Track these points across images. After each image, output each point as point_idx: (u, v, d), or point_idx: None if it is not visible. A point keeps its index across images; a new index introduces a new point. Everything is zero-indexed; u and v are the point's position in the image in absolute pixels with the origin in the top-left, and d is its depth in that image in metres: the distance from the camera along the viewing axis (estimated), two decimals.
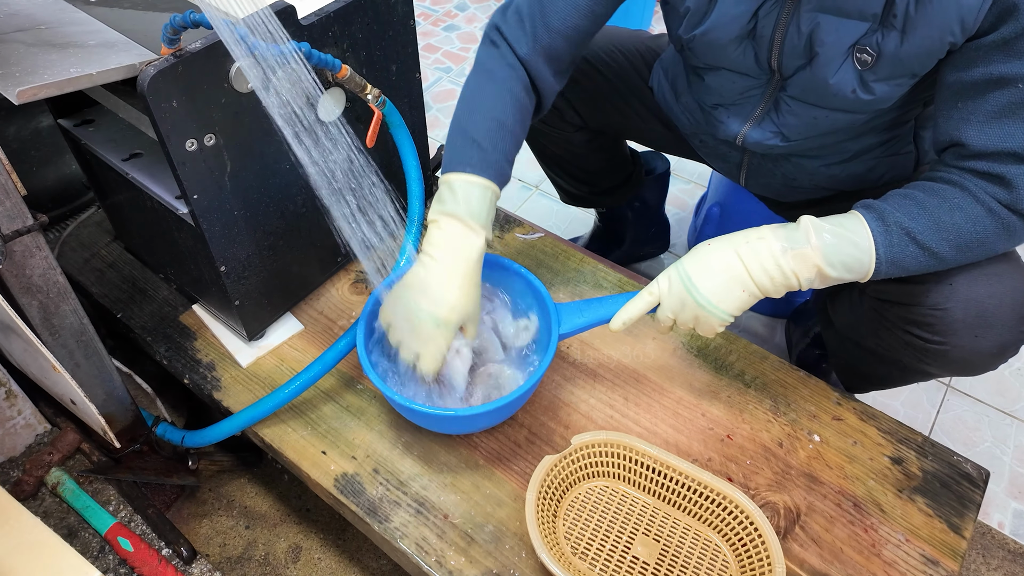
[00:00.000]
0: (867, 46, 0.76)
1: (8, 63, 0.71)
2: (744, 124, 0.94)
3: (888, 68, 0.76)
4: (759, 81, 0.88)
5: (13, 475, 1.03)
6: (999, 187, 0.73)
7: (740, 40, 0.84)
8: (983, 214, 0.74)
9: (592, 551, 0.84)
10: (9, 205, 0.70)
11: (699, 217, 1.59)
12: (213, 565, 1.01)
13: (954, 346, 0.82)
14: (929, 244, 0.75)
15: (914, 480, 0.90)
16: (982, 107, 0.72)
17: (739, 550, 0.82)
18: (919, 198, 0.76)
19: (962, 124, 0.74)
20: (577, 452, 0.87)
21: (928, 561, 0.83)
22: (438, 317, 0.80)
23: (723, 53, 0.86)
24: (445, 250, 0.81)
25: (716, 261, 0.79)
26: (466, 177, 0.82)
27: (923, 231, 0.74)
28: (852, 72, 0.78)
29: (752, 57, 0.84)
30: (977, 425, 1.34)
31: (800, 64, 0.81)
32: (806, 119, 0.87)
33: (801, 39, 0.79)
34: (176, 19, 0.71)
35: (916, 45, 0.73)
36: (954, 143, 0.76)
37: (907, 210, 0.75)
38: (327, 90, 0.85)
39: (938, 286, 0.81)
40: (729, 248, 0.78)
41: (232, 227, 0.91)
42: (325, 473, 0.91)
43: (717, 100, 0.95)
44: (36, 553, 0.75)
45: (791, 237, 0.77)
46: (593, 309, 0.89)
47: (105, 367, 0.90)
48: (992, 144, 0.72)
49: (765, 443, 0.94)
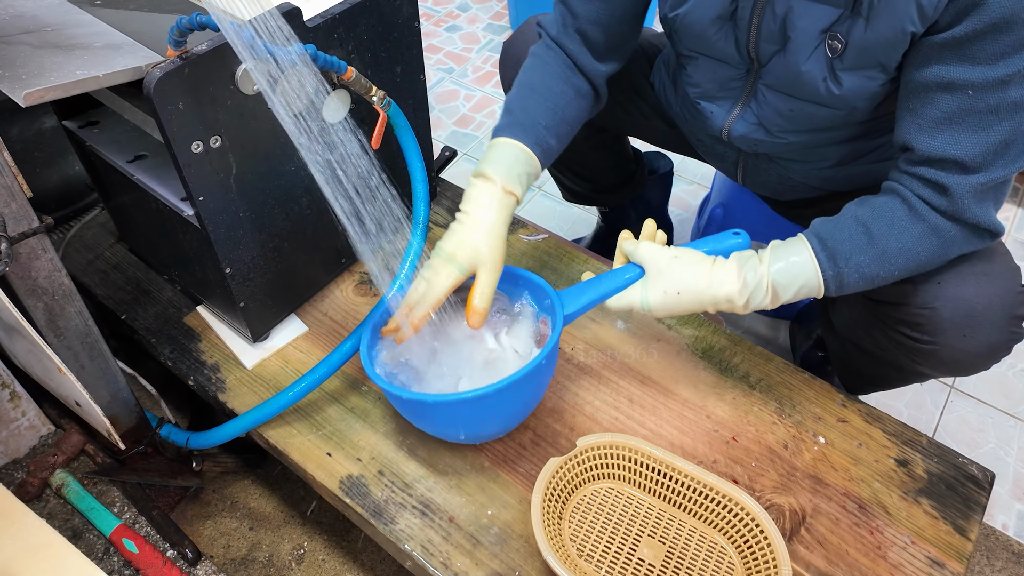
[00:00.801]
0: (838, 32, 0.76)
1: (14, 65, 0.71)
2: (728, 116, 0.94)
3: (854, 57, 0.76)
4: (739, 71, 0.88)
5: (18, 477, 1.03)
6: (941, 196, 0.74)
7: (721, 22, 0.84)
8: (928, 235, 0.75)
9: (598, 553, 0.84)
10: (15, 207, 0.70)
11: (702, 218, 1.59)
12: (217, 567, 1.01)
13: (943, 346, 0.83)
14: (878, 273, 0.78)
15: (919, 482, 0.90)
16: (931, 111, 0.72)
17: (745, 552, 0.82)
18: (869, 225, 0.77)
19: (912, 127, 0.74)
20: (582, 454, 0.87)
21: (934, 563, 0.83)
22: (444, 250, 0.84)
23: (704, 36, 0.86)
24: (468, 203, 0.86)
25: (680, 309, 0.83)
26: (495, 140, 0.89)
27: (870, 264, 0.77)
28: (823, 60, 0.78)
29: (732, 43, 0.85)
30: (981, 426, 1.34)
31: (775, 49, 0.82)
32: (783, 110, 0.87)
33: (776, 22, 0.79)
34: (182, 21, 0.71)
35: (879, 33, 0.73)
36: (904, 146, 0.76)
37: (856, 244, 0.77)
38: (332, 92, 0.85)
39: (926, 285, 0.81)
40: (696, 302, 0.82)
41: (237, 229, 0.91)
42: (330, 475, 0.91)
43: (701, 91, 0.96)
44: (41, 555, 0.75)
45: (750, 279, 0.79)
46: (593, 288, 0.88)
47: (110, 369, 0.90)
48: (938, 151, 0.72)
49: (770, 445, 0.94)
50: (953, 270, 0.80)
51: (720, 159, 1.08)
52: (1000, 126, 0.70)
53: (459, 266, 0.83)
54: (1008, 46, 0.66)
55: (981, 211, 0.73)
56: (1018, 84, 0.68)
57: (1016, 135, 0.70)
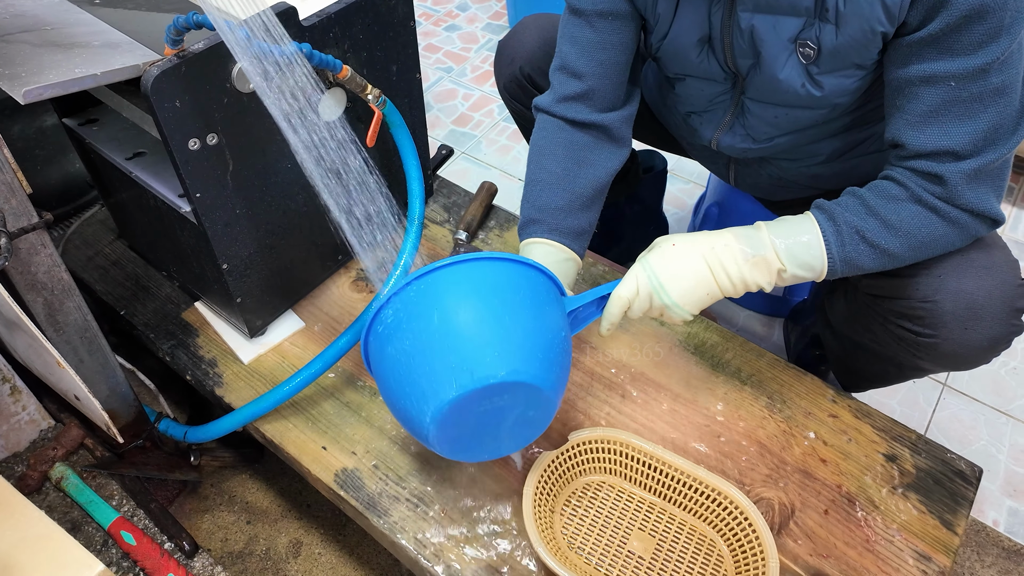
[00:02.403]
0: (808, 40, 0.77)
1: (14, 63, 0.72)
2: (715, 130, 0.96)
3: (829, 61, 0.78)
4: (725, 87, 0.90)
5: (18, 470, 1.04)
6: (936, 185, 0.75)
7: (701, 44, 0.85)
8: (926, 212, 0.76)
9: (589, 546, 0.85)
10: (15, 203, 0.71)
11: (698, 216, 1.60)
12: (215, 560, 1.02)
13: (944, 339, 0.83)
14: (879, 243, 0.77)
15: (908, 477, 0.91)
16: (917, 106, 0.74)
17: (734, 545, 0.83)
18: (867, 198, 0.78)
19: (901, 124, 0.76)
20: (574, 448, 0.88)
21: (921, 557, 0.84)
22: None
23: (687, 59, 0.88)
24: None
25: (684, 267, 0.80)
26: (525, 243, 0.92)
27: (872, 230, 0.77)
28: (798, 67, 0.80)
29: (715, 61, 0.86)
30: (973, 424, 1.34)
31: (750, 63, 0.83)
32: (767, 119, 0.89)
33: (744, 39, 0.81)
34: (179, 20, 0.72)
35: (849, 36, 0.74)
36: (894, 142, 0.77)
37: (856, 210, 0.78)
38: (328, 90, 0.86)
39: (927, 279, 0.82)
40: (696, 254, 0.80)
41: (234, 225, 0.92)
42: (325, 468, 0.92)
43: (689, 108, 0.98)
44: (41, 546, 0.76)
45: (752, 243, 0.79)
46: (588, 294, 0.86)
47: (109, 363, 0.91)
48: (929, 144, 0.74)
49: (760, 440, 0.95)
50: (953, 264, 0.81)
51: (711, 162, 1.10)
52: (986, 112, 0.71)
53: None
54: (983, 35, 0.67)
55: (976, 197, 0.75)
56: (998, 70, 0.69)
57: (1002, 119, 0.72)
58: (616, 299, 0.83)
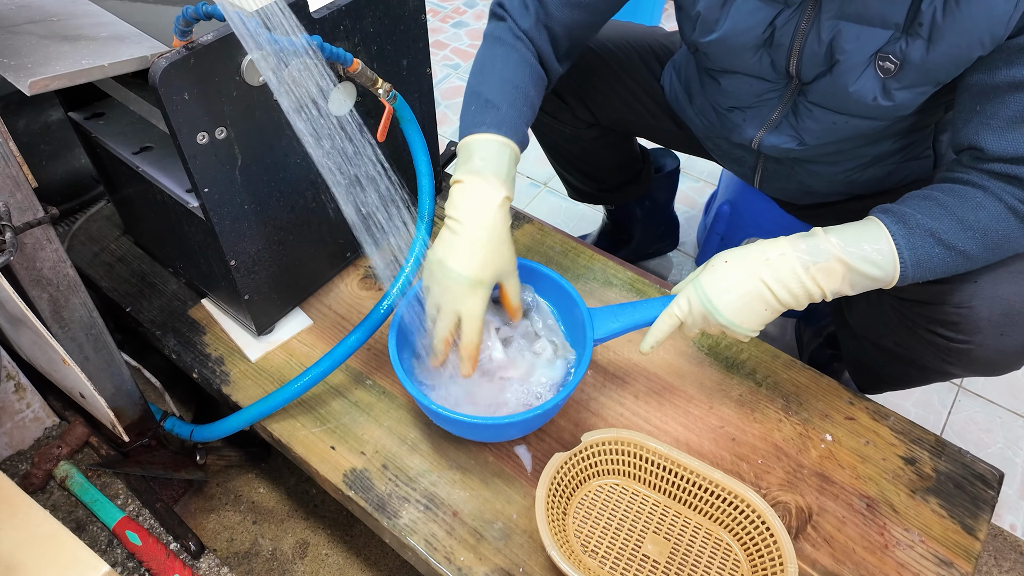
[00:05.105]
0: (890, 54, 0.74)
1: (20, 55, 0.71)
2: (760, 128, 0.93)
3: (912, 76, 0.75)
4: (776, 85, 0.87)
5: (22, 468, 1.03)
6: (1018, 187, 0.72)
7: (756, 48, 0.83)
8: (1005, 212, 0.73)
9: (602, 549, 0.83)
10: (20, 197, 0.70)
11: (709, 215, 1.58)
12: (221, 560, 1.01)
13: (979, 345, 0.81)
14: (955, 243, 0.73)
15: (927, 481, 0.90)
16: (1002, 111, 0.71)
17: (750, 549, 0.82)
18: (939, 198, 0.75)
19: (981, 128, 0.73)
20: (587, 450, 0.87)
21: (942, 562, 0.83)
22: (471, 276, 0.78)
23: (738, 59, 0.85)
24: (467, 209, 0.79)
25: (735, 283, 0.77)
26: (482, 136, 0.81)
27: (947, 231, 0.73)
28: (874, 80, 0.77)
29: (769, 63, 0.83)
30: (989, 426, 1.33)
31: (820, 71, 0.80)
32: (826, 124, 0.86)
33: (821, 47, 0.78)
34: (188, 11, 0.70)
35: (942, 54, 0.72)
36: (972, 147, 0.75)
37: (928, 211, 0.74)
38: (338, 84, 0.84)
39: (962, 284, 0.80)
40: (748, 270, 0.76)
41: (242, 221, 0.90)
42: (334, 468, 0.91)
43: (733, 103, 0.94)
44: (45, 546, 0.75)
45: (812, 250, 0.75)
46: (628, 314, 0.87)
47: (114, 361, 0.90)
48: (1011, 150, 0.71)
49: (777, 442, 0.93)
50: (989, 269, 0.79)
51: (737, 163, 1.07)
52: None
53: (488, 286, 0.80)
54: None
55: None
56: None
57: None
58: (666, 317, 0.82)
